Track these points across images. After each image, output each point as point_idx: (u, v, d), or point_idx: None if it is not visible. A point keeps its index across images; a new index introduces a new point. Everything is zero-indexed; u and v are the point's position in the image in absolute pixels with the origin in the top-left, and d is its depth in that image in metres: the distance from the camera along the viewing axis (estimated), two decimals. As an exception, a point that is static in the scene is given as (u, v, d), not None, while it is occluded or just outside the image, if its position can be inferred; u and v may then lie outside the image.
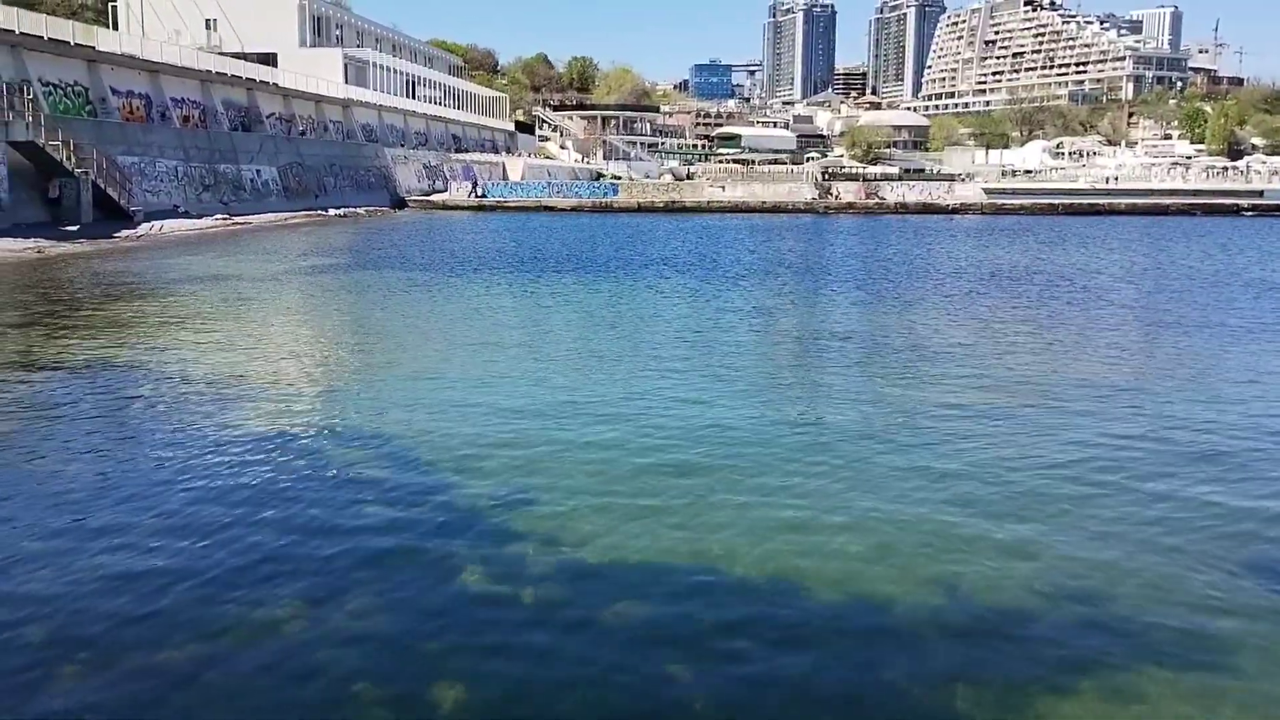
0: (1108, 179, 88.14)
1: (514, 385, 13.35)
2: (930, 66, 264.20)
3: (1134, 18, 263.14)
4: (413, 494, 8.76)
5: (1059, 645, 6.12)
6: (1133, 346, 17.15)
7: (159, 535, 7.76)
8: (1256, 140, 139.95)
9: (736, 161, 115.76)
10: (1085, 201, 74.84)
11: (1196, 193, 77.48)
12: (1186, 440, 10.68)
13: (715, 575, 7.10)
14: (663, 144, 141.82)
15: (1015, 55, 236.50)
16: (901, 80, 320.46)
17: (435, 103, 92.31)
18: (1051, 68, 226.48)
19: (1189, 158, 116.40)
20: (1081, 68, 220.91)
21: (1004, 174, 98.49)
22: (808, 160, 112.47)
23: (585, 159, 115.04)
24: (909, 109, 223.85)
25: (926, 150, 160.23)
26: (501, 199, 76.63)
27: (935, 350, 16.32)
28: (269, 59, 67.03)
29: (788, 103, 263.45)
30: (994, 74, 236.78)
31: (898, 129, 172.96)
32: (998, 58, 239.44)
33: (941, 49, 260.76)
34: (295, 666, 5.78)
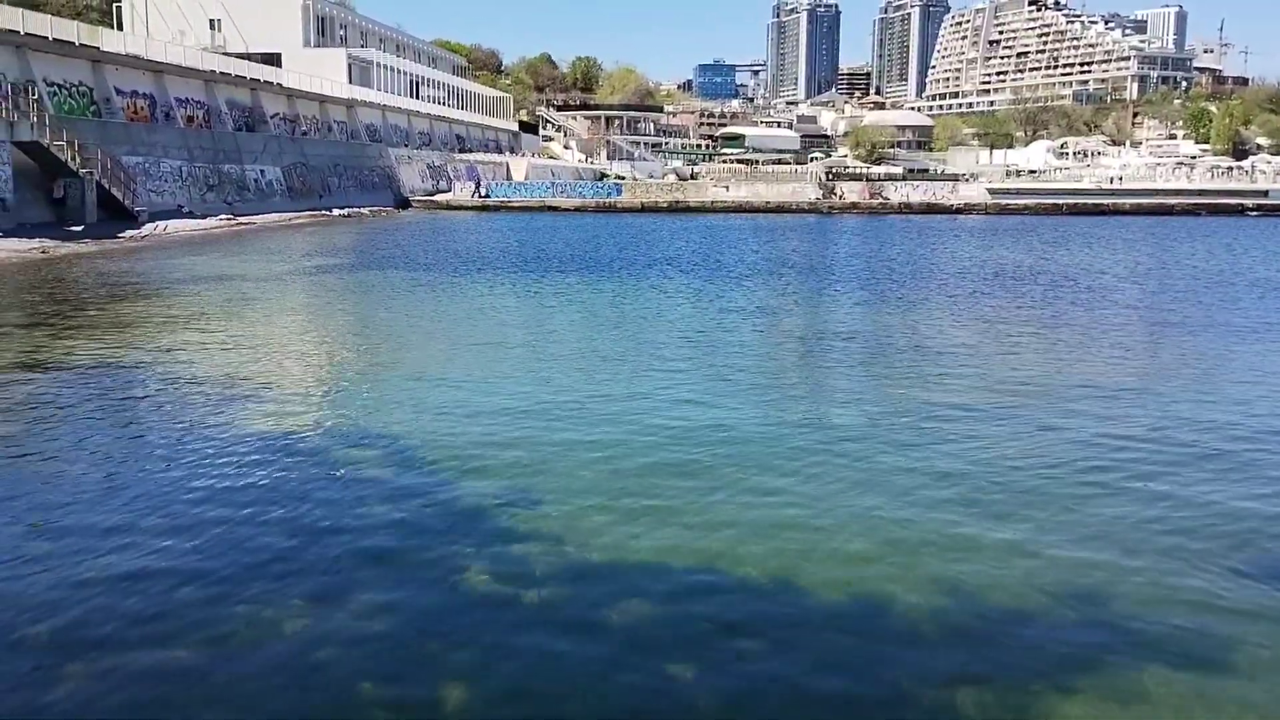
0: (1112, 179, 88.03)
1: (518, 385, 13.39)
2: (934, 66, 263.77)
3: (1138, 17, 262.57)
4: (417, 494, 8.80)
5: (1060, 645, 6.14)
6: (1137, 346, 17.15)
7: (166, 535, 7.80)
8: (1261, 140, 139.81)
9: (740, 161, 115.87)
10: (1090, 201, 74.75)
11: (1201, 193, 77.40)
12: (1190, 440, 10.68)
13: (717, 575, 7.13)
14: (667, 144, 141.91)
15: (1019, 55, 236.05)
16: (905, 80, 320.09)
17: (439, 103, 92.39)
18: (1056, 67, 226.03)
19: (1194, 158, 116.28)
20: (1086, 67, 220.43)
21: (1008, 174, 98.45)
22: (812, 160, 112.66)
23: (589, 159, 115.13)
24: (913, 109, 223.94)
25: (930, 150, 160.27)
26: (505, 199, 76.67)
27: (939, 350, 16.33)
28: (273, 59, 67.11)
29: (791, 103, 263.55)
30: (998, 74, 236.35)
31: (902, 129, 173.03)
32: (1002, 57, 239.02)
33: (946, 49, 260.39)
34: (301, 666, 5.82)
